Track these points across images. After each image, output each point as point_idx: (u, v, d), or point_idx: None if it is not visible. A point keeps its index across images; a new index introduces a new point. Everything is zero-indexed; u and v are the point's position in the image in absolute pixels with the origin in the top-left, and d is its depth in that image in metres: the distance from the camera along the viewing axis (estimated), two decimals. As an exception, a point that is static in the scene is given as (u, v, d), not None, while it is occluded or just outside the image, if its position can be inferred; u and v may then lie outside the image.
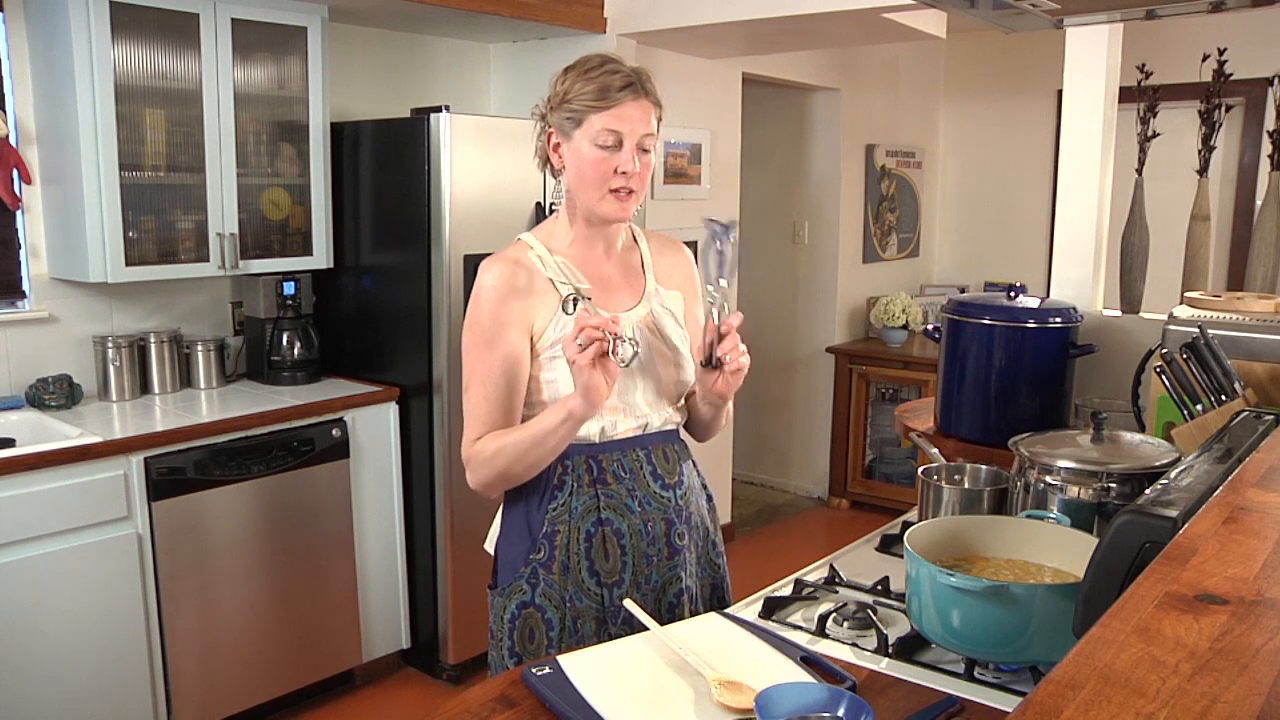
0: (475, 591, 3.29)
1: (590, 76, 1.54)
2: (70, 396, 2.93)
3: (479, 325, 1.58)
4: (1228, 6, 1.59)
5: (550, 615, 1.61)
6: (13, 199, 2.85)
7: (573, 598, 1.60)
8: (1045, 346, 2.13)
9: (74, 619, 2.55)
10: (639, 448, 1.64)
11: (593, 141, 1.54)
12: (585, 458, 1.60)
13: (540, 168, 1.67)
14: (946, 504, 1.77)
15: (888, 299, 5.16)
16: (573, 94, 1.55)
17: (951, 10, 2.09)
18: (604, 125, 1.53)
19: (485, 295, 1.58)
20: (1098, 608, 0.91)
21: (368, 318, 3.37)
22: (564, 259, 1.63)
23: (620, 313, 1.61)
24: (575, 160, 1.57)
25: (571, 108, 1.55)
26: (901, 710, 1.24)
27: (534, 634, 1.62)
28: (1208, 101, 2.59)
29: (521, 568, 1.62)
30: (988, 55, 5.55)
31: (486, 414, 1.58)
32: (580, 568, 1.60)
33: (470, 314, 1.60)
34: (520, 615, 1.63)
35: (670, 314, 1.69)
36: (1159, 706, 0.64)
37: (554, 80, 1.60)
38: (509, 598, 1.64)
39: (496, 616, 1.67)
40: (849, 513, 5.19)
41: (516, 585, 1.63)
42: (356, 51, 3.66)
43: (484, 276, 1.59)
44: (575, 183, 1.59)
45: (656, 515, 1.64)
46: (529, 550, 1.62)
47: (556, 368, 1.58)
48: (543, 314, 1.59)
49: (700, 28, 3.59)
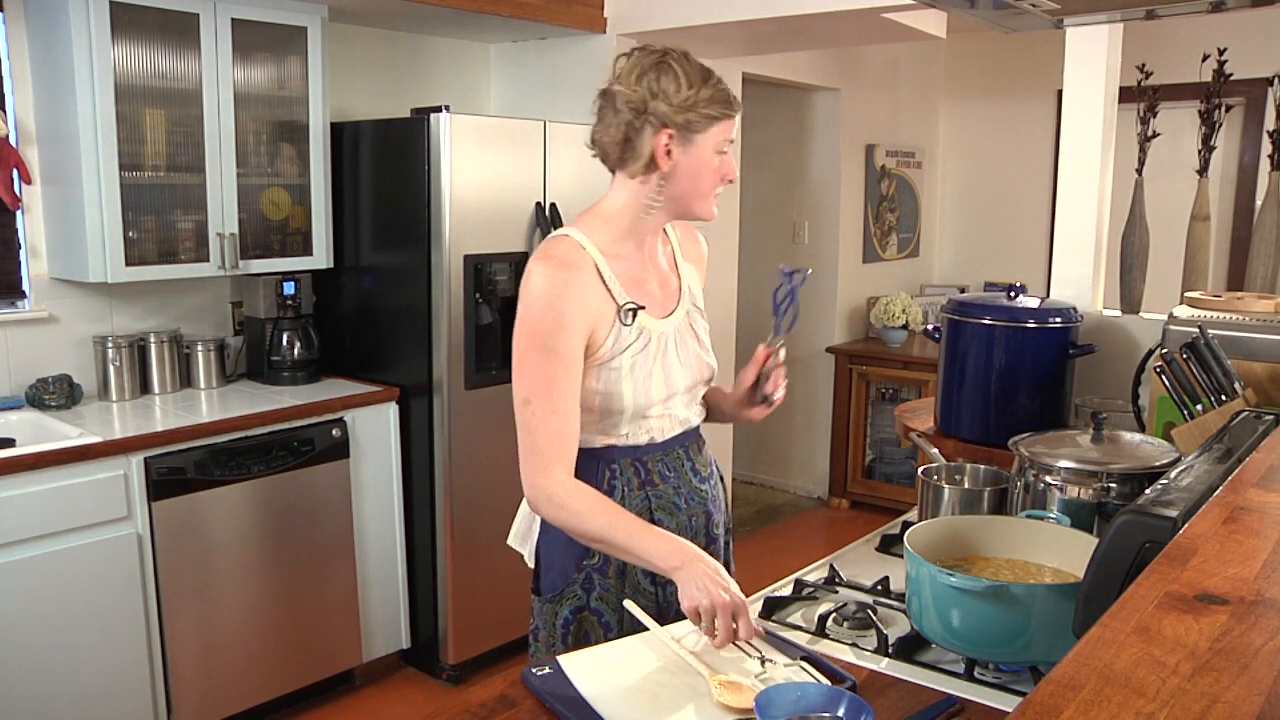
0: (475, 591, 3.29)
1: (712, 85, 1.54)
2: (70, 396, 2.93)
3: (538, 334, 1.51)
4: (1228, 6, 1.59)
5: (608, 618, 1.61)
6: (13, 199, 2.84)
7: (630, 599, 1.59)
8: (1045, 346, 2.13)
9: (74, 619, 2.55)
10: (678, 446, 1.68)
11: (715, 149, 1.55)
12: (631, 461, 1.62)
13: (616, 160, 1.59)
14: (946, 504, 1.77)
15: (888, 299, 5.16)
16: (701, 101, 1.53)
17: (951, 10, 2.09)
18: (724, 135, 1.56)
19: (543, 302, 1.51)
20: (1098, 608, 0.91)
21: (368, 318, 3.37)
22: (619, 262, 1.60)
23: (661, 319, 1.62)
24: (692, 164, 1.55)
25: (702, 112, 1.53)
26: (901, 710, 1.24)
27: (589, 636, 1.62)
28: (1208, 101, 2.59)
29: (574, 574, 1.61)
30: (988, 55, 5.55)
31: (557, 431, 1.52)
32: (635, 570, 1.60)
33: (525, 320, 1.52)
34: (575, 620, 1.62)
35: (699, 310, 1.72)
36: (1159, 706, 0.64)
37: (659, 82, 1.53)
38: (561, 603, 1.63)
39: (546, 622, 1.65)
40: (849, 513, 5.19)
41: (570, 591, 1.62)
42: (356, 51, 3.66)
43: (539, 281, 1.52)
44: (687, 184, 1.57)
45: (699, 509, 1.69)
46: (582, 556, 1.61)
47: (612, 380, 1.56)
48: (602, 323, 1.55)
49: (700, 28, 3.59)
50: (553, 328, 1.50)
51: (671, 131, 1.53)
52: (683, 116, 1.52)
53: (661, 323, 1.61)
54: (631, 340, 1.57)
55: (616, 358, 1.56)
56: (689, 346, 1.66)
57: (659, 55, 1.54)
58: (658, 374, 1.59)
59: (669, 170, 1.55)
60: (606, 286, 1.56)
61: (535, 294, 1.52)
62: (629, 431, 1.61)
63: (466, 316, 3.13)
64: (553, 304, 1.50)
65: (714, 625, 1.37)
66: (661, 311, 1.63)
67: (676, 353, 1.63)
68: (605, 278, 1.56)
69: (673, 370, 1.62)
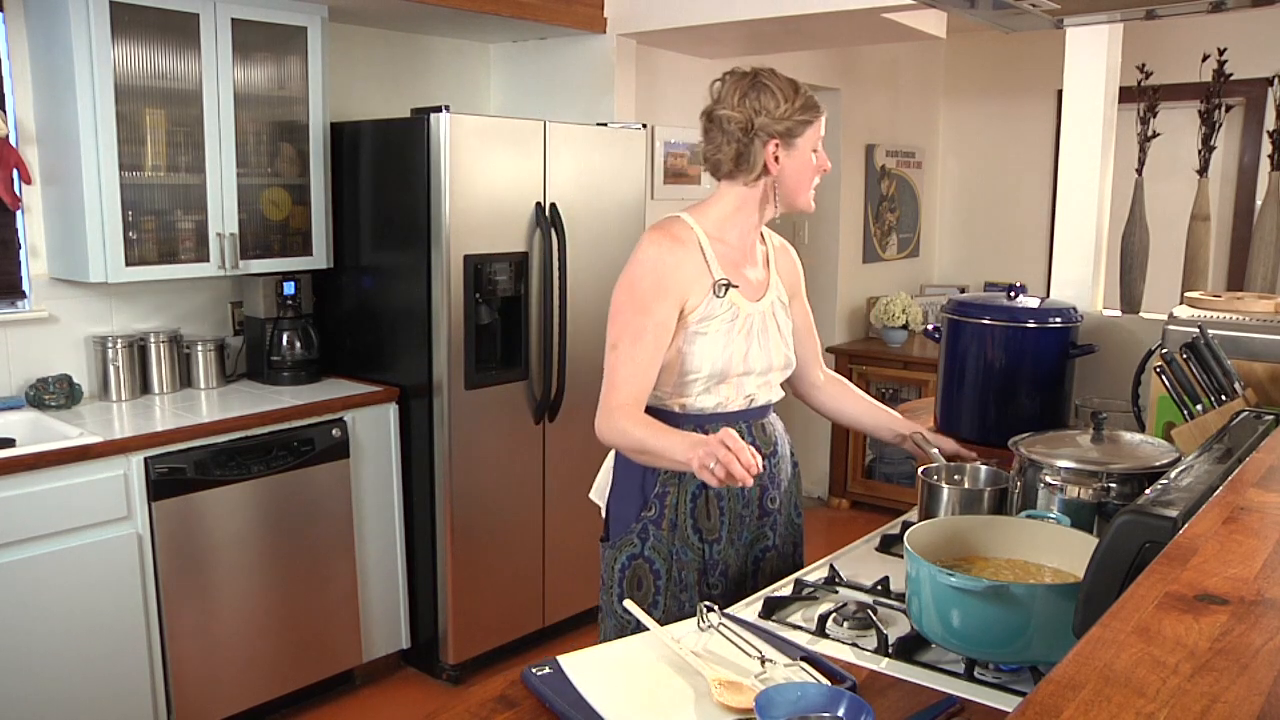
0: (475, 591, 3.29)
1: (802, 94, 1.78)
2: (70, 396, 2.93)
3: (638, 290, 1.74)
4: (1228, 6, 1.59)
5: (658, 566, 1.81)
6: (13, 199, 2.85)
7: (678, 552, 1.81)
8: (1045, 346, 2.13)
9: (74, 619, 2.55)
10: (741, 421, 1.85)
11: (811, 147, 1.80)
12: (694, 427, 1.79)
13: (729, 174, 1.81)
14: (946, 504, 1.77)
15: (888, 299, 5.16)
16: (796, 109, 1.76)
17: (951, 10, 2.09)
18: (817, 134, 1.81)
19: (649, 264, 1.75)
20: (1098, 608, 0.91)
21: (368, 318, 3.38)
22: (721, 245, 1.82)
23: (750, 301, 1.83)
24: (796, 163, 1.79)
25: (798, 119, 1.76)
26: (901, 710, 1.24)
27: (641, 583, 1.82)
28: (1208, 101, 2.59)
29: (633, 524, 1.82)
30: (988, 55, 5.55)
31: (630, 375, 1.73)
32: (686, 525, 1.81)
33: (629, 277, 1.76)
34: (630, 566, 1.83)
35: (783, 305, 1.93)
36: (1159, 706, 0.64)
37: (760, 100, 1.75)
38: (620, 550, 1.84)
39: (608, 567, 1.86)
40: (849, 513, 5.19)
41: (627, 539, 1.83)
42: (356, 51, 3.66)
43: (650, 248, 1.76)
44: (793, 182, 1.81)
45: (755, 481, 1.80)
46: (640, 508, 1.82)
47: (697, 343, 1.77)
48: (697, 292, 1.77)
49: (700, 28, 3.59)
50: (651, 289, 1.74)
51: (777, 140, 1.77)
52: (784, 125, 1.76)
53: (750, 304, 1.83)
54: (720, 312, 1.79)
55: (705, 322, 1.77)
56: (770, 333, 1.86)
57: (751, 76, 1.78)
58: (738, 348, 1.80)
59: (778, 173, 1.79)
60: (707, 262, 1.79)
61: (643, 257, 1.76)
62: (700, 395, 1.80)
63: (466, 316, 3.13)
64: (656, 268, 1.75)
65: (726, 474, 1.54)
66: (751, 296, 1.84)
67: (758, 335, 1.83)
68: (707, 255, 1.79)
69: (752, 349, 1.82)
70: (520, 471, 3.37)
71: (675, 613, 1.80)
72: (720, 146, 1.80)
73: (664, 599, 1.81)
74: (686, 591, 1.82)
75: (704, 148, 1.84)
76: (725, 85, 1.80)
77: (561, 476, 3.49)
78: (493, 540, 3.33)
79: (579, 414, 3.48)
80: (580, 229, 3.41)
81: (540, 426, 3.41)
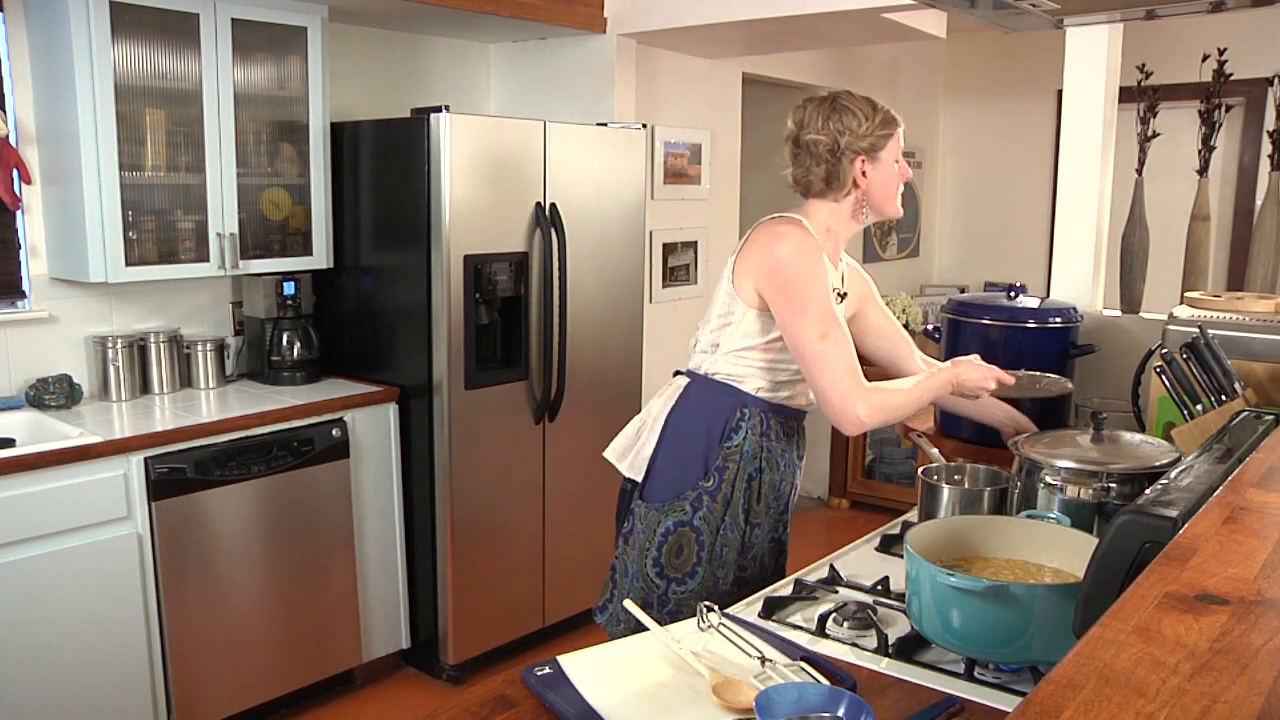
0: (475, 591, 3.29)
1: (880, 110, 1.88)
2: (70, 396, 2.93)
3: (815, 278, 1.78)
4: (1228, 6, 1.59)
5: (705, 538, 1.85)
6: (13, 199, 2.84)
7: (726, 528, 1.86)
8: (1045, 346, 2.13)
9: (74, 619, 2.55)
10: (797, 419, 1.95)
11: (894, 158, 1.90)
12: (760, 411, 1.87)
13: (820, 192, 1.90)
14: (946, 504, 1.77)
15: (888, 299, 5.15)
16: (877, 125, 1.86)
17: (951, 10, 2.09)
18: (898, 145, 1.91)
19: (811, 256, 1.80)
20: (1098, 608, 0.91)
21: (368, 318, 3.37)
22: None
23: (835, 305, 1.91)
24: (883, 175, 1.89)
25: (880, 134, 1.87)
26: (901, 710, 1.24)
27: (682, 550, 1.86)
28: (1208, 101, 2.59)
29: (688, 490, 1.86)
30: (988, 55, 5.55)
31: (851, 356, 1.77)
32: (737, 504, 1.87)
33: (799, 268, 1.78)
34: (675, 532, 1.86)
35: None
36: (1159, 706, 0.64)
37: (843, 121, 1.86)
38: (666, 514, 1.87)
39: (648, 528, 1.89)
40: (849, 513, 5.19)
41: (678, 505, 1.86)
42: (356, 51, 3.66)
43: (800, 241, 1.81)
44: (881, 192, 1.90)
45: (789, 479, 1.96)
46: (699, 477, 1.85)
47: None
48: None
49: (700, 28, 3.59)
50: (821, 275, 1.79)
51: (863, 156, 1.86)
52: (867, 141, 1.86)
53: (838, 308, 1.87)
54: None
55: None
56: None
57: (831, 100, 1.88)
58: None
59: (866, 187, 1.88)
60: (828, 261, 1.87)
61: (799, 251, 1.80)
62: (780, 386, 1.87)
63: (466, 316, 3.13)
64: (817, 258, 1.80)
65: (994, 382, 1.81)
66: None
67: None
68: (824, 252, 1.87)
69: None
70: (520, 471, 3.37)
71: (710, 588, 1.84)
72: (810, 169, 1.88)
73: (703, 570, 1.85)
74: (724, 569, 1.86)
75: (793, 171, 1.92)
76: (807, 111, 1.89)
77: (561, 476, 3.49)
78: (493, 540, 3.33)
79: (579, 414, 3.48)
80: (580, 229, 3.41)
81: (540, 426, 3.41)
